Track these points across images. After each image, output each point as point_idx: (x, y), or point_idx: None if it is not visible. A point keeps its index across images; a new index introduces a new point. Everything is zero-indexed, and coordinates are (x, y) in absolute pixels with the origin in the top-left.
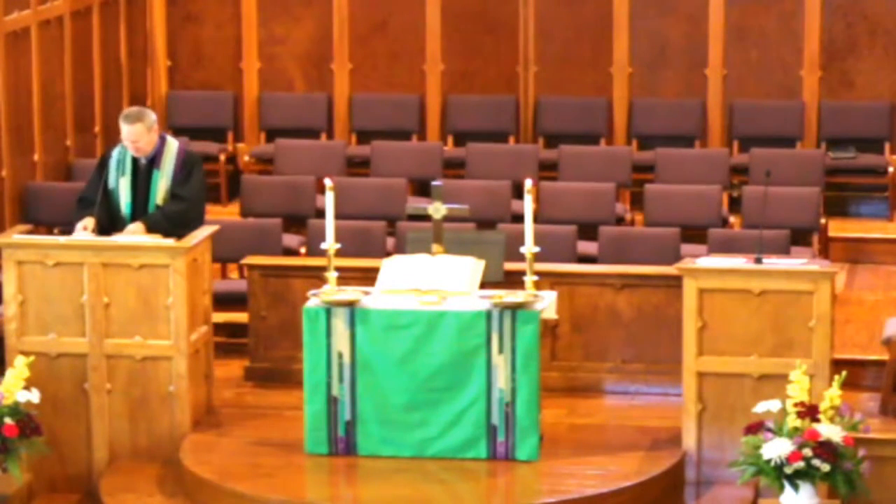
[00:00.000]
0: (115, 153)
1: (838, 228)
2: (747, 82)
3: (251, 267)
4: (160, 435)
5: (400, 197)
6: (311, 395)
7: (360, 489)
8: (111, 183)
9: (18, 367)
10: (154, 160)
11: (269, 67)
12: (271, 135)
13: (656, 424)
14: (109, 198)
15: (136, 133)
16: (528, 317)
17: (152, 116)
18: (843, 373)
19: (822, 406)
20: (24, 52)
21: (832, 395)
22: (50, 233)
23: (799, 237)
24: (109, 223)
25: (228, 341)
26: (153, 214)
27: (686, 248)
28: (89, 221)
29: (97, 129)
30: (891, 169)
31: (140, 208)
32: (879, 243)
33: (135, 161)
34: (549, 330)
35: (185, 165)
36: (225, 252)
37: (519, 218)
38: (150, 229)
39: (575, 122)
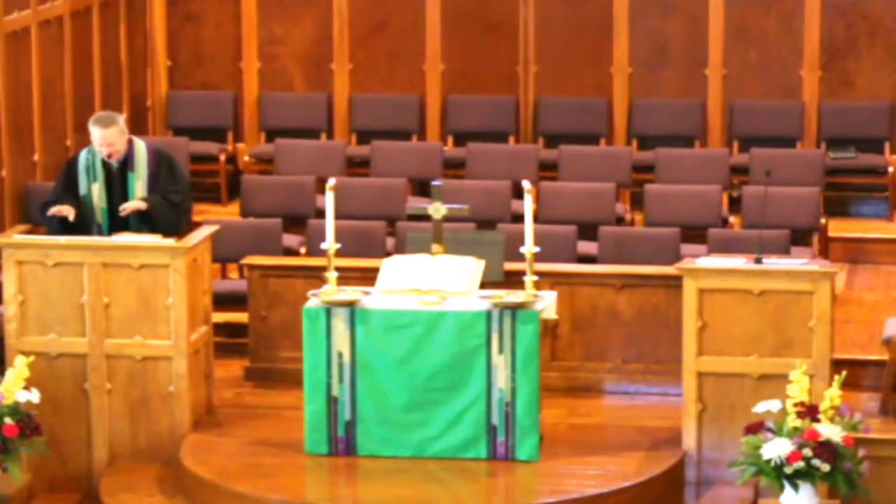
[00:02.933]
0: (83, 159)
1: (838, 228)
2: (747, 82)
3: (251, 267)
4: (160, 435)
5: (400, 197)
6: (311, 395)
7: (360, 489)
8: (82, 189)
9: (18, 367)
10: (126, 163)
11: (269, 67)
12: (271, 135)
13: (656, 424)
14: (81, 204)
15: (112, 136)
16: (528, 317)
17: (122, 119)
18: (843, 373)
19: (822, 406)
20: (24, 52)
21: (832, 395)
22: (50, 233)
23: (799, 237)
24: (82, 229)
25: (228, 341)
26: (154, 196)
27: (686, 248)
28: (68, 209)
29: None
30: (891, 169)
31: (117, 213)
32: (879, 243)
33: (105, 165)
34: (549, 330)
35: (160, 163)
36: (225, 252)
37: (519, 218)
38: (152, 208)
39: (575, 122)
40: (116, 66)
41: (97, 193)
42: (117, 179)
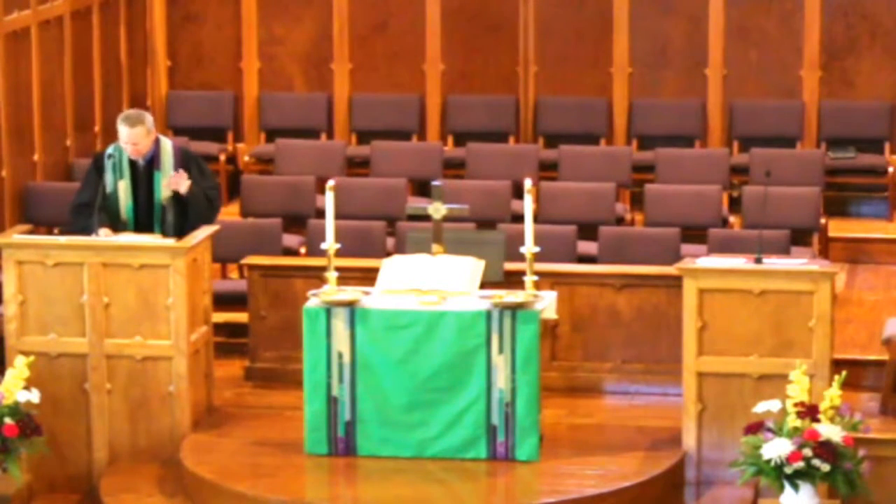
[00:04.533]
0: (108, 156)
1: (838, 228)
2: (747, 82)
3: (251, 267)
4: (160, 435)
5: (400, 197)
6: (311, 395)
7: (360, 489)
8: (109, 186)
9: (18, 367)
10: (152, 161)
11: (269, 67)
12: (271, 135)
13: (656, 424)
14: (108, 201)
15: (138, 135)
16: (528, 317)
17: (150, 118)
18: (843, 373)
19: (822, 406)
20: (24, 52)
21: (832, 395)
22: (50, 233)
23: (799, 237)
24: (110, 226)
25: (228, 341)
26: (194, 187)
27: (686, 248)
28: (106, 231)
29: (97, 129)
30: (891, 169)
31: (142, 211)
32: (879, 243)
33: (132, 163)
34: (549, 330)
35: (186, 163)
36: (225, 252)
37: (519, 218)
38: (191, 198)
39: (575, 122)
40: (116, 66)
41: (123, 191)
42: (143, 178)
